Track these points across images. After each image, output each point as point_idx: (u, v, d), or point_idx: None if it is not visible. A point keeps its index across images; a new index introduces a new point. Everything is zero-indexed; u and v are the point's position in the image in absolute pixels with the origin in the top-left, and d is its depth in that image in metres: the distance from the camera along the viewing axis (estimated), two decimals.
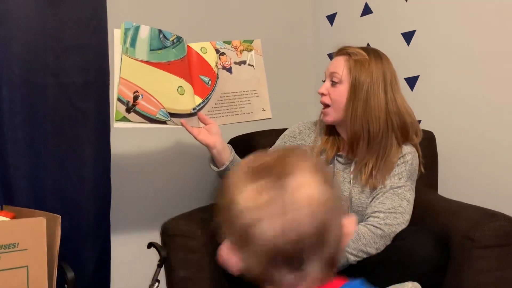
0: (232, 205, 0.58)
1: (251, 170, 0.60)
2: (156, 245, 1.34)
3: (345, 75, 1.27)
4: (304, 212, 0.55)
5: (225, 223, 0.60)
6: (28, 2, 1.37)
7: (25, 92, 1.38)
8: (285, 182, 0.56)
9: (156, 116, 1.28)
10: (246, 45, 1.43)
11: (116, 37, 1.25)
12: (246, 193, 0.58)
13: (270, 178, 0.57)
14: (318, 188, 0.57)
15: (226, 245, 0.62)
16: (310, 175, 0.58)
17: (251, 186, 0.58)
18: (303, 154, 0.63)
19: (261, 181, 0.57)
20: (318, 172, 0.59)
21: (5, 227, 1.04)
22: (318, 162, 0.62)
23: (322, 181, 0.58)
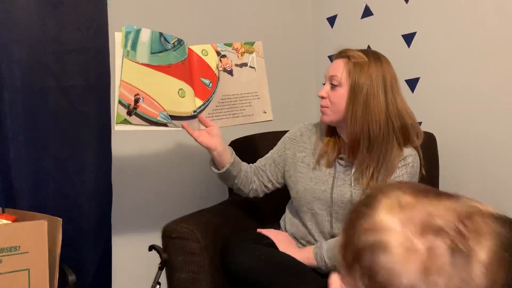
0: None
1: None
2: (157, 247, 1.35)
3: (345, 78, 1.27)
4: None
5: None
6: (29, 5, 1.38)
7: (26, 95, 1.38)
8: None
9: (157, 119, 1.28)
10: (247, 47, 1.43)
11: (117, 40, 1.25)
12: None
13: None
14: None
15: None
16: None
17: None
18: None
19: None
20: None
21: (6, 230, 1.05)
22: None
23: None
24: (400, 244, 0.49)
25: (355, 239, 0.52)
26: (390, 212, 0.51)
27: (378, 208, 0.52)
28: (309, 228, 1.39)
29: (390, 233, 0.50)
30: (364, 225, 0.52)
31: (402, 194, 0.53)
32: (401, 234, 0.49)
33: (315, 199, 1.35)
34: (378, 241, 0.50)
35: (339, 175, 1.34)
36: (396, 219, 0.50)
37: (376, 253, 0.50)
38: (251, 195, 1.47)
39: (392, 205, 0.52)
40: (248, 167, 1.44)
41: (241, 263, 1.25)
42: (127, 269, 1.68)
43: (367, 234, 0.51)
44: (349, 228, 0.54)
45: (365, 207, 0.54)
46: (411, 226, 0.49)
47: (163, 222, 1.40)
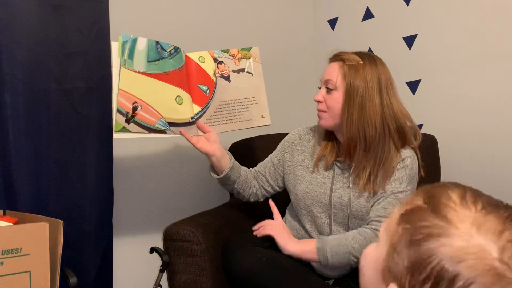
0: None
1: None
2: (158, 250, 1.35)
3: (340, 82, 1.27)
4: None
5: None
6: (31, 8, 1.38)
7: (28, 97, 1.38)
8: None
9: (155, 126, 1.29)
10: (244, 53, 1.44)
11: (114, 50, 1.26)
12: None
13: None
14: None
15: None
16: None
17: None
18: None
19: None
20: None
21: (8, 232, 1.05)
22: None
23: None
24: (499, 274, 0.45)
25: (440, 260, 0.47)
26: (483, 235, 0.47)
27: (461, 225, 0.48)
28: (309, 231, 1.39)
29: (489, 261, 0.46)
30: (451, 246, 0.47)
31: (487, 212, 0.49)
32: (501, 263, 0.46)
33: (314, 202, 1.35)
34: (474, 269, 0.46)
35: (338, 177, 1.34)
36: (493, 245, 0.47)
37: (471, 282, 0.46)
38: (251, 199, 1.47)
39: (483, 225, 0.48)
40: (248, 171, 1.45)
41: (242, 265, 1.25)
42: (128, 271, 1.68)
43: (459, 258, 0.47)
44: (423, 243, 0.49)
45: (441, 221, 0.49)
46: (510, 255, 0.46)
47: (164, 225, 1.40)
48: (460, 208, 0.50)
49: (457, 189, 0.53)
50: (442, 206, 0.51)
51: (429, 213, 0.51)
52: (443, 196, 0.52)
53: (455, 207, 0.50)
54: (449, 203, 0.51)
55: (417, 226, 0.50)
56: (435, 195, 0.53)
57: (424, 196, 0.54)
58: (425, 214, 0.51)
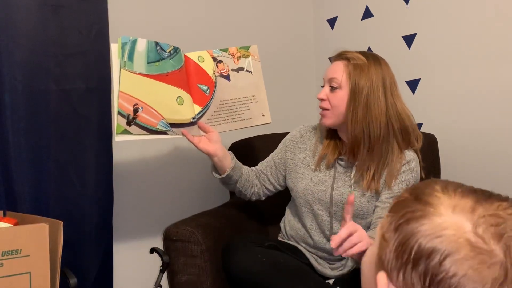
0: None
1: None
2: (159, 250, 1.35)
3: (345, 80, 1.27)
4: None
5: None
6: (30, 9, 1.38)
7: (28, 98, 1.38)
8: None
9: (157, 128, 1.29)
10: (243, 52, 1.44)
11: (113, 52, 1.26)
12: None
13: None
14: None
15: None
16: None
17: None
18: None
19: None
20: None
21: (8, 234, 1.05)
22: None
23: None
24: (473, 246, 0.48)
25: (419, 238, 0.50)
26: (457, 213, 0.50)
27: (441, 207, 0.51)
28: (309, 228, 1.39)
29: (462, 234, 0.48)
30: (428, 225, 0.50)
31: (464, 195, 0.52)
32: (475, 236, 0.48)
33: (315, 199, 1.35)
34: (449, 243, 0.48)
35: (339, 176, 1.34)
36: (466, 220, 0.49)
37: (446, 256, 0.48)
38: (253, 198, 1.47)
39: (458, 205, 0.51)
40: (249, 170, 1.45)
41: (243, 266, 1.25)
42: (129, 271, 1.68)
43: (435, 235, 0.49)
44: (406, 225, 0.52)
45: (424, 205, 0.52)
46: (484, 228, 0.48)
47: (164, 225, 1.40)
48: (441, 194, 0.53)
49: (440, 182, 0.56)
50: (425, 195, 0.54)
51: (413, 200, 0.54)
52: (427, 187, 0.55)
53: (436, 194, 0.53)
54: (431, 191, 0.54)
55: (401, 213, 0.54)
56: (419, 187, 0.56)
57: (410, 190, 0.57)
58: (410, 202, 0.54)
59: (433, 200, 0.52)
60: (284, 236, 1.49)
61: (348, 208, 1.04)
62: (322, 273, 1.39)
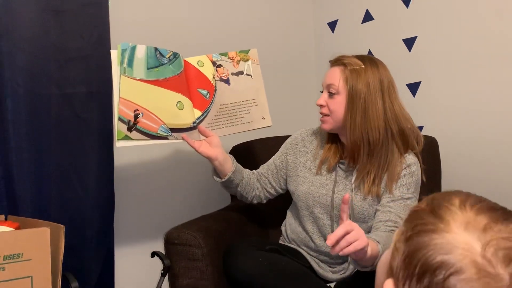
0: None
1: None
2: (160, 254, 1.35)
3: (342, 86, 1.27)
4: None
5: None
6: (32, 14, 1.39)
7: (29, 102, 1.39)
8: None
9: (158, 133, 1.30)
10: (243, 56, 1.45)
11: (113, 59, 1.27)
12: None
13: None
14: None
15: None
16: None
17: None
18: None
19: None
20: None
21: (9, 238, 1.05)
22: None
23: None
24: (480, 268, 0.47)
25: (427, 252, 0.50)
26: (470, 232, 0.50)
27: (453, 223, 0.51)
28: (310, 232, 1.39)
29: (469, 255, 0.48)
30: (438, 240, 0.50)
31: (480, 213, 0.51)
32: (483, 259, 0.48)
33: (316, 203, 1.35)
34: (455, 261, 0.48)
35: (340, 179, 1.34)
36: (476, 241, 0.49)
37: (451, 273, 0.48)
38: (254, 201, 1.47)
39: (470, 223, 0.50)
40: (250, 174, 1.45)
41: (244, 269, 1.25)
42: (130, 275, 1.68)
43: (443, 251, 0.49)
44: (416, 237, 0.52)
45: (436, 219, 0.52)
46: (493, 251, 0.48)
47: (165, 229, 1.40)
48: (457, 209, 0.52)
49: (461, 195, 0.55)
50: (440, 208, 0.53)
51: (428, 213, 0.54)
52: (445, 200, 0.55)
53: (452, 209, 0.53)
54: (448, 205, 0.53)
55: (414, 224, 0.54)
56: (437, 199, 0.56)
57: (428, 200, 0.57)
58: (424, 214, 0.54)
59: (447, 215, 0.52)
60: (285, 240, 1.49)
61: (344, 207, 1.04)
62: (324, 277, 1.39)
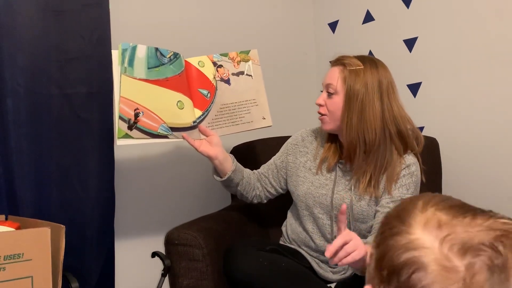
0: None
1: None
2: (160, 254, 1.35)
3: (340, 86, 1.27)
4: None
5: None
6: (33, 14, 1.39)
7: (30, 103, 1.39)
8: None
9: (158, 132, 1.30)
10: (243, 56, 1.45)
11: (114, 58, 1.28)
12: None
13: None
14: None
15: None
16: None
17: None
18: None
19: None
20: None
21: (10, 238, 1.05)
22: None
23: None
24: (439, 263, 0.50)
25: (392, 254, 0.53)
26: (428, 230, 0.53)
27: (414, 224, 0.54)
28: (310, 232, 1.39)
29: (428, 252, 0.51)
30: (401, 242, 0.53)
31: (437, 210, 0.54)
32: (440, 253, 0.51)
33: (316, 203, 1.35)
34: (417, 259, 0.51)
35: (340, 179, 1.34)
36: (434, 238, 0.52)
37: (414, 270, 0.51)
38: (254, 201, 1.47)
39: (429, 222, 0.53)
40: (251, 173, 1.45)
41: (244, 270, 1.25)
42: (130, 275, 1.68)
43: (405, 251, 0.52)
44: (384, 242, 0.55)
45: (401, 223, 0.55)
46: (450, 245, 0.51)
47: (165, 229, 1.40)
48: (419, 211, 0.55)
49: (426, 197, 0.58)
50: (404, 211, 0.57)
51: (394, 217, 0.57)
52: (410, 203, 0.58)
53: (414, 211, 0.56)
54: (411, 208, 0.56)
55: (382, 230, 0.57)
56: (404, 203, 0.59)
57: (396, 206, 0.60)
58: (391, 218, 0.57)
59: (409, 217, 0.55)
60: (286, 240, 1.49)
61: (342, 218, 1.04)
62: (324, 277, 1.38)
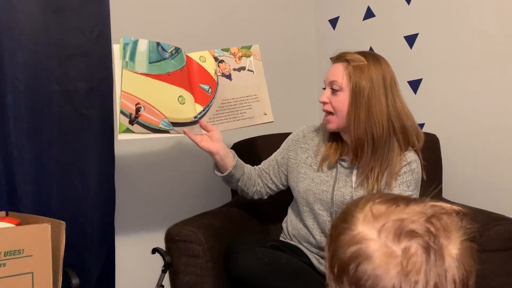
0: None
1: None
2: (160, 250, 1.35)
3: (345, 82, 1.27)
4: None
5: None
6: (33, 11, 1.39)
7: (30, 99, 1.39)
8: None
9: (159, 126, 1.30)
10: (245, 51, 1.45)
11: (115, 52, 1.27)
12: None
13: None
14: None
15: None
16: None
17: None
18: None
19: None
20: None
21: (10, 234, 1.05)
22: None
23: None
24: (379, 251, 0.54)
25: (339, 252, 0.57)
26: (366, 224, 0.57)
27: (355, 222, 0.58)
28: (311, 228, 1.39)
29: (369, 242, 0.55)
30: (345, 239, 0.57)
31: (374, 205, 0.58)
32: (379, 242, 0.54)
33: (316, 199, 1.35)
34: (360, 251, 0.55)
35: (341, 176, 1.34)
36: (372, 229, 0.56)
37: (359, 262, 0.54)
38: (255, 197, 1.47)
39: (366, 216, 0.58)
40: (252, 169, 1.45)
41: (244, 266, 1.25)
42: (131, 272, 1.68)
43: (349, 246, 0.56)
44: (332, 243, 0.59)
45: (344, 223, 0.59)
46: (386, 233, 0.55)
47: (166, 225, 1.41)
48: (360, 209, 0.59)
49: (367, 196, 0.62)
50: (347, 213, 0.60)
51: (340, 220, 0.61)
52: (352, 205, 0.61)
53: (355, 210, 0.59)
54: (353, 208, 0.60)
55: (330, 233, 0.62)
56: (347, 206, 0.63)
57: (343, 209, 0.64)
58: (338, 221, 0.61)
59: (351, 217, 0.59)
60: (286, 236, 1.49)
61: None
62: (324, 273, 1.38)
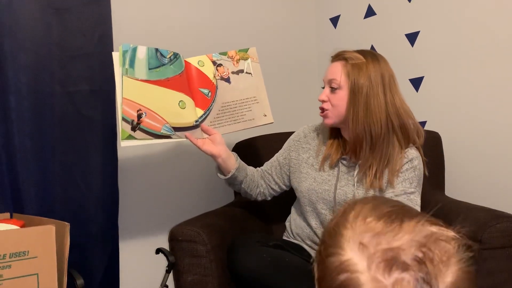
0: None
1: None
2: (164, 250, 1.35)
3: (344, 81, 1.27)
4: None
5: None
6: (34, 13, 1.39)
7: (32, 100, 1.39)
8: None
9: (161, 132, 1.31)
10: (242, 54, 1.46)
11: (115, 60, 1.29)
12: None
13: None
14: None
15: None
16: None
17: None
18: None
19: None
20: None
21: (15, 236, 1.06)
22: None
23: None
24: (369, 285, 0.52)
25: (328, 277, 0.55)
26: (355, 250, 0.54)
27: (344, 244, 0.55)
28: (314, 227, 1.39)
29: (358, 274, 0.53)
30: (334, 264, 0.55)
31: (365, 225, 0.55)
32: (369, 275, 0.52)
33: (319, 198, 1.36)
34: (349, 281, 0.53)
35: (342, 175, 1.34)
36: (362, 259, 0.53)
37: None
38: (259, 198, 1.48)
39: (356, 240, 0.54)
40: (254, 171, 1.45)
41: (247, 265, 1.25)
42: (135, 272, 1.69)
43: (338, 274, 0.54)
44: (321, 264, 0.57)
45: (332, 242, 0.56)
46: (376, 264, 0.52)
47: (169, 225, 1.41)
48: (350, 225, 0.56)
49: (358, 207, 0.58)
50: (338, 226, 0.57)
51: (328, 235, 0.58)
52: (342, 217, 0.58)
53: (345, 226, 0.56)
54: (343, 223, 0.57)
55: (320, 248, 0.59)
56: (335, 216, 0.60)
57: (334, 216, 0.60)
58: (326, 236, 0.59)
59: (340, 236, 0.56)
60: (290, 235, 1.50)
61: None
62: None
